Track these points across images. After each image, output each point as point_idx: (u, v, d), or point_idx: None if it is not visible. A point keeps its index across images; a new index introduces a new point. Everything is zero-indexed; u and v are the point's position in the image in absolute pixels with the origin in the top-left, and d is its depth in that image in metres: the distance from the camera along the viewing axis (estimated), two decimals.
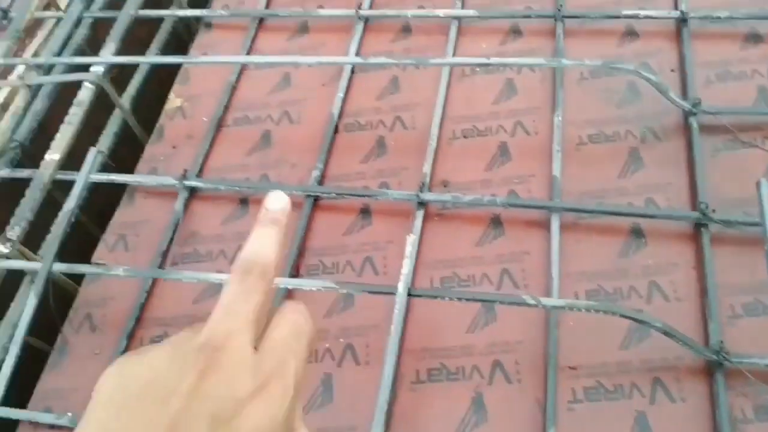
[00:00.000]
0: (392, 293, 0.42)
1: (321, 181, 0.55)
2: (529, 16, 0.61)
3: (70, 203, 0.49)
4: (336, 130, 0.58)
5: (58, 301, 0.51)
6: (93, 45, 0.69)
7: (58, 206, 0.55)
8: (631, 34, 0.59)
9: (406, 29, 0.63)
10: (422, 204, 0.51)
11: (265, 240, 0.25)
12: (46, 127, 0.66)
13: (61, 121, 0.60)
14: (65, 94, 0.64)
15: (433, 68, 0.58)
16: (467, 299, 0.42)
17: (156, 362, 0.24)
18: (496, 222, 0.50)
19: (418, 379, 0.45)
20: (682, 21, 0.58)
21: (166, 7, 0.68)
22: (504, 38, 0.61)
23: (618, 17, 0.59)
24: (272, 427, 0.22)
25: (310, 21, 0.65)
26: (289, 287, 0.46)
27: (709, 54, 0.57)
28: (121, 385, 0.24)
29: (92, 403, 0.23)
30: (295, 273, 0.50)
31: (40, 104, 0.65)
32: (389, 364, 0.39)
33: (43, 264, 0.46)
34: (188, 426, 0.22)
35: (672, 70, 0.57)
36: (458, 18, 0.62)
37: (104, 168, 0.57)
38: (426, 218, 0.51)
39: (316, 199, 0.54)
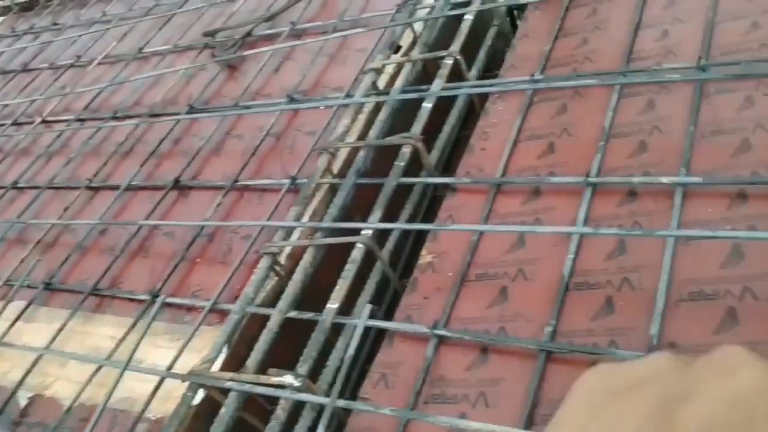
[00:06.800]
0: None
1: (553, 336, 0.61)
2: (755, 183, 0.64)
3: (351, 350, 0.62)
4: (567, 289, 0.64)
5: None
6: (357, 202, 0.84)
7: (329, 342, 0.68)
8: None
9: (632, 194, 0.69)
10: None
11: None
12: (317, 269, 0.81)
13: (330, 264, 0.76)
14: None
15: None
16: None
17: (650, 366, 0.23)
18: None
19: None
20: None
21: (416, 174, 0.82)
22: (730, 203, 0.64)
23: None
24: None
25: (543, 186, 0.74)
26: None
27: None
28: (602, 384, 0.23)
29: (567, 404, 0.23)
30: (529, 423, 0.57)
31: (318, 254, 0.80)
32: None
33: (330, 400, 0.58)
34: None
35: None
36: (683, 184, 0.67)
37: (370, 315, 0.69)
38: None
39: (549, 353, 0.60)
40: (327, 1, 1.25)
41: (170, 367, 0.74)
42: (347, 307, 0.71)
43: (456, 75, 0.92)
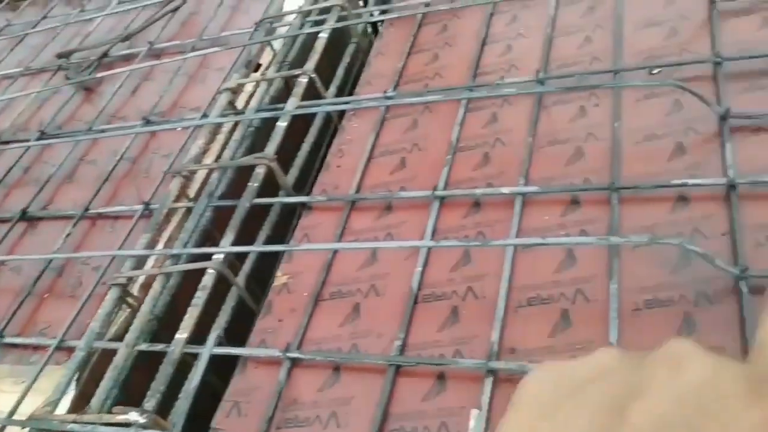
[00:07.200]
0: None
1: (402, 350, 0.62)
2: (586, 189, 0.68)
3: (195, 380, 0.60)
4: (416, 301, 0.65)
5: None
6: (218, 224, 0.82)
7: (189, 366, 0.66)
8: (683, 200, 0.64)
9: (476, 205, 0.71)
10: (491, 371, 0.57)
11: None
12: (177, 297, 0.79)
13: (190, 292, 0.73)
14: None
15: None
16: None
17: (598, 363, 0.23)
18: None
19: None
20: (731, 187, 0.63)
21: (274, 194, 0.81)
22: (564, 209, 0.68)
23: (668, 186, 0.65)
24: None
25: (394, 201, 0.75)
26: None
27: (759, 217, 0.61)
28: (550, 383, 0.23)
29: (515, 406, 0.23)
30: None
31: (173, 281, 0.78)
32: None
33: None
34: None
35: (723, 234, 0.61)
36: (522, 193, 0.69)
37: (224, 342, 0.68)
38: (495, 383, 0.57)
39: (398, 367, 0.61)
40: (187, 20, 1.23)
41: (12, 413, 0.69)
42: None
43: (317, 93, 0.92)
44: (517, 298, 0.62)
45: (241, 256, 0.76)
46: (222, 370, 0.69)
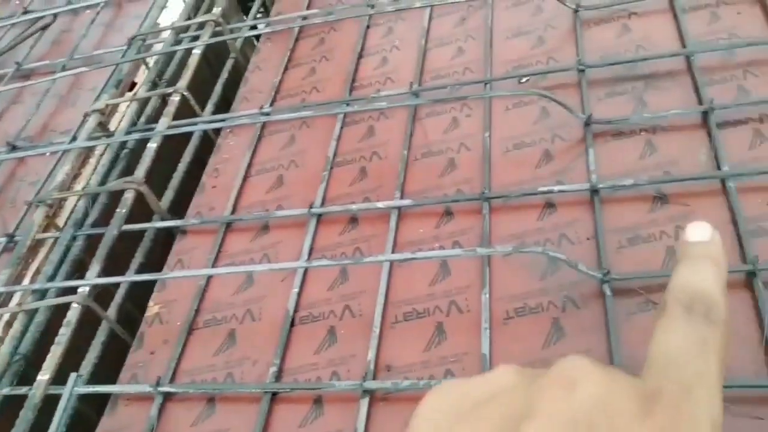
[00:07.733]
0: None
1: (278, 375, 0.60)
2: (458, 200, 0.68)
3: (55, 424, 0.56)
4: (292, 324, 0.64)
5: None
6: (91, 254, 0.78)
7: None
8: (550, 206, 0.66)
9: (353, 221, 0.71)
10: (367, 391, 0.56)
11: (701, 275, 0.22)
12: (48, 332, 0.74)
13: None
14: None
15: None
16: None
17: (494, 382, 0.23)
18: None
19: None
20: (594, 192, 0.64)
21: (148, 218, 0.77)
22: (438, 221, 0.68)
23: (536, 194, 0.66)
24: None
25: (270, 221, 0.74)
26: None
27: (620, 220, 0.63)
28: (446, 405, 0.23)
29: (410, 426, 0.23)
30: None
31: (41, 318, 0.73)
32: None
33: None
34: None
35: (588, 239, 0.63)
36: (397, 207, 0.69)
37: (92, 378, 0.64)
38: (372, 403, 0.56)
39: (274, 393, 0.59)
40: (58, 39, 1.17)
41: None
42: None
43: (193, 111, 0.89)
44: (393, 314, 0.62)
45: (118, 286, 0.72)
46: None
